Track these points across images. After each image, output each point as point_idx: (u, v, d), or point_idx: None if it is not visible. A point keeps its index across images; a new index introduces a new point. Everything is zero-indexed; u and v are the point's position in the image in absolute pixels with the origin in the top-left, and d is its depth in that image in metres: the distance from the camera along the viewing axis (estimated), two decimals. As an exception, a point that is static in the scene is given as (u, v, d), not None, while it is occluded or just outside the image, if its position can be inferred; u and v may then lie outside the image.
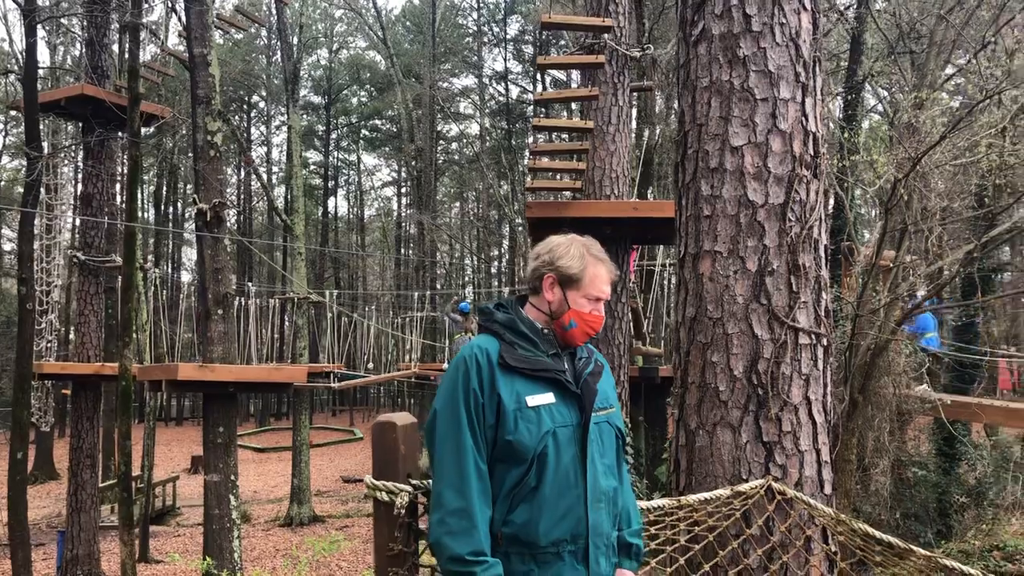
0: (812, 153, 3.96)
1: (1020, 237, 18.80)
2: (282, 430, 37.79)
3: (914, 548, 3.67)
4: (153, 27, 21.26)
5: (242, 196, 46.68)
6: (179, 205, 45.81)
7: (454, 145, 46.10)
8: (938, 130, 8.54)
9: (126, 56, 15.56)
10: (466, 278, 47.50)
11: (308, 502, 20.40)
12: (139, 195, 15.70)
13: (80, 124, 14.88)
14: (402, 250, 48.13)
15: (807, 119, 3.96)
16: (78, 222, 16.23)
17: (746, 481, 3.74)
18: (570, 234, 2.55)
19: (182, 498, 22.14)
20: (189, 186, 40.32)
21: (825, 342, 3.93)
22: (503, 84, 41.42)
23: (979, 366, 14.71)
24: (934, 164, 9.23)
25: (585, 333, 2.46)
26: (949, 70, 13.24)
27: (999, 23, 9.85)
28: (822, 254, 3.97)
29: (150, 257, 36.99)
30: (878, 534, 3.68)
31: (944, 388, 13.54)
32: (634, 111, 20.32)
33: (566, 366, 2.42)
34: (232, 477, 11.05)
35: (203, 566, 8.59)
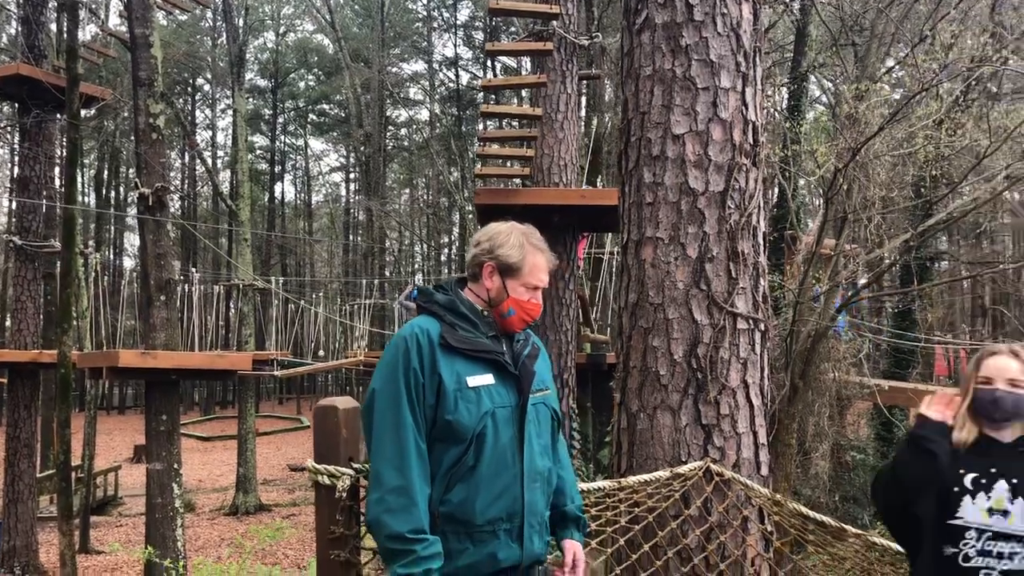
0: (751, 142, 4.04)
1: (956, 226, 19.33)
2: (227, 418, 37.30)
3: (847, 527, 3.78)
4: (92, 6, 20.72)
5: (186, 180, 45.82)
6: (121, 189, 44.80)
7: (403, 131, 45.80)
8: (878, 121, 8.74)
9: (64, 36, 15.13)
10: (416, 265, 47.34)
11: (254, 491, 20.22)
12: (79, 178, 15.34)
13: (16, 105, 14.46)
14: (350, 237, 47.74)
15: (747, 108, 4.03)
16: (14, 205, 15.79)
17: (685, 463, 3.82)
18: (511, 222, 2.57)
19: (124, 488, 21.77)
20: (131, 170, 39.40)
21: (763, 327, 4.02)
22: (453, 70, 41.26)
23: (916, 352, 15.12)
24: (874, 155, 9.44)
25: (523, 320, 2.49)
26: (890, 63, 13.54)
27: (936, 17, 10.10)
28: (760, 241, 4.06)
29: (91, 242, 36.10)
30: (812, 514, 3.79)
31: (882, 374, 13.91)
32: (583, 99, 20.42)
33: (505, 348, 2.45)
34: (175, 465, 10.90)
35: (145, 555, 8.47)
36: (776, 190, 14.19)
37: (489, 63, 33.65)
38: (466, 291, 2.52)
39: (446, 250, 45.61)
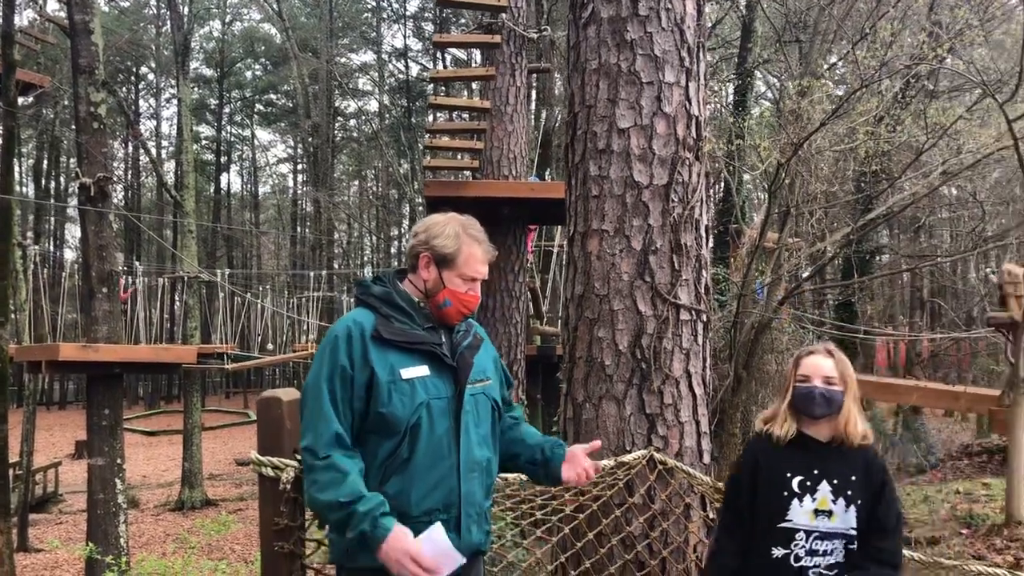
0: (695, 136, 4.10)
1: (896, 221, 19.80)
2: (173, 413, 36.68)
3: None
4: (30, -9, 20.14)
5: (129, 171, 44.85)
6: (62, 180, 43.65)
7: (352, 122, 45.38)
8: (820, 117, 8.92)
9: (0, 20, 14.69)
10: (365, 258, 46.93)
11: (200, 486, 19.94)
12: (16, 168, 14.91)
13: (-51, 91, 13.99)
14: (298, 229, 47.21)
15: (690, 103, 4.10)
16: (-52, 195, 15.30)
17: (630, 452, 3.88)
18: (450, 212, 2.58)
19: (65, 484, 21.29)
20: (72, 160, 38.48)
21: (705, 318, 4.09)
22: (403, 61, 40.95)
23: (857, 344, 15.47)
24: (816, 150, 9.64)
25: (460, 312, 2.49)
26: (833, 59, 13.81)
27: (876, 15, 10.32)
28: (703, 234, 4.13)
29: (29, 234, 35.18)
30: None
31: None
32: (532, 93, 20.47)
33: (443, 339, 2.46)
34: (118, 460, 10.71)
35: (86, 552, 8.31)
36: (722, 185, 14.41)
37: (438, 55, 33.49)
38: (405, 282, 2.53)
39: (396, 242, 45.32)
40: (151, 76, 44.47)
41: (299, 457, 2.61)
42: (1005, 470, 6.84)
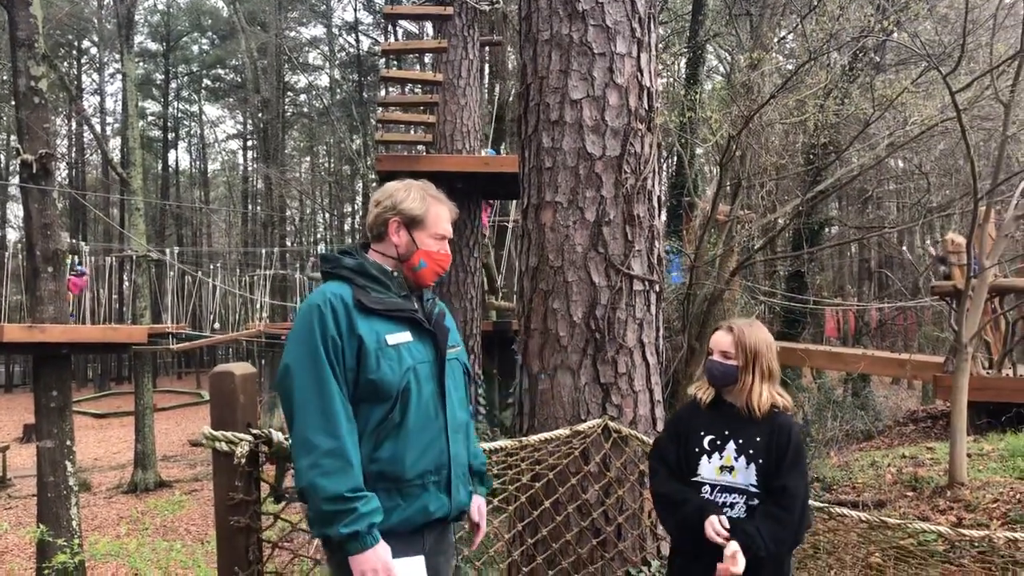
0: (647, 107, 4.12)
1: (845, 192, 20.13)
2: (124, 394, 36.10)
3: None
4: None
5: (73, 148, 43.73)
6: (2, 157, 42.47)
7: (303, 97, 44.60)
8: (770, 90, 9.01)
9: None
10: (318, 235, 46.43)
11: (153, 467, 19.70)
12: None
13: None
14: (249, 206, 46.49)
15: (642, 74, 4.11)
16: None
17: (585, 421, 3.92)
18: (406, 179, 2.59)
19: (13, 469, 20.90)
20: (13, 136, 37.37)
21: (658, 288, 4.13)
22: (354, 35, 40.35)
23: (806, 314, 15.75)
24: (766, 122, 9.74)
25: (435, 272, 2.54)
26: (783, 33, 13.93)
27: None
28: (655, 204, 4.16)
29: (-31, 213, 34.20)
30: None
31: (775, 335, 14.46)
32: (486, 66, 20.33)
33: (417, 306, 2.49)
34: (68, 443, 10.53)
35: (36, 535, 8.18)
36: (675, 158, 14.49)
37: (390, 28, 33.05)
38: (371, 253, 2.53)
39: (349, 219, 44.88)
40: (94, 50, 43.24)
41: (253, 431, 2.59)
42: (948, 434, 7.04)
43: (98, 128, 39.80)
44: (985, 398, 9.08)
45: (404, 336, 2.38)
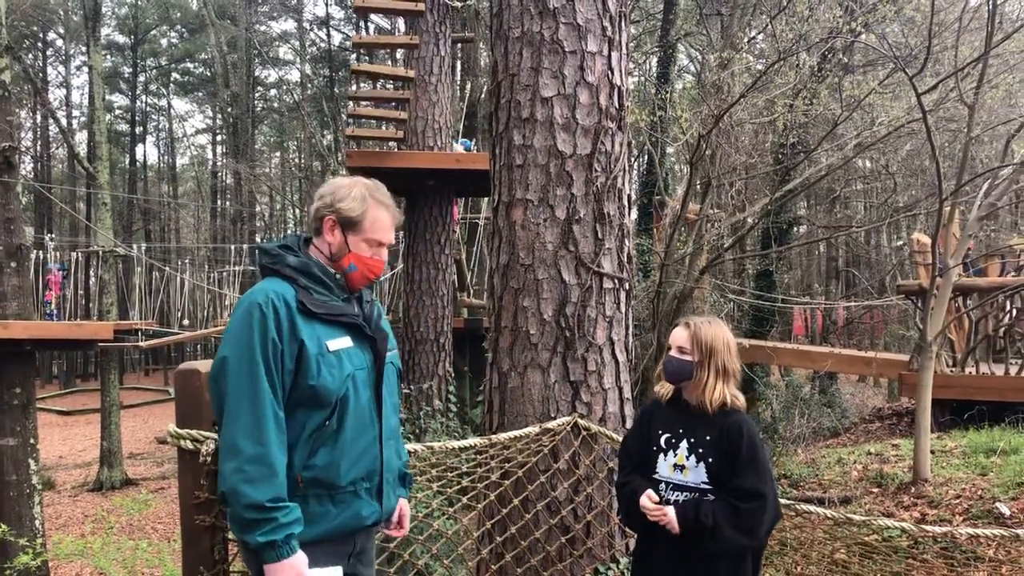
0: (617, 106, 4.13)
1: (813, 192, 20.33)
2: (90, 391, 35.62)
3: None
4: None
5: (38, 141, 43.02)
6: (-36, 150, 41.65)
7: (273, 92, 44.25)
8: (740, 90, 9.07)
9: None
10: (288, 230, 46.09)
11: (119, 465, 19.43)
12: (-86, 137, 14.14)
13: None
14: (218, 201, 46.04)
15: (613, 73, 4.12)
16: None
17: (554, 419, 3.92)
18: (356, 176, 2.53)
19: (-24, 467, 20.52)
20: (-25, 129, 36.63)
21: (628, 286, 4.15)
22: (325, 30, 40.07)
23: (775, 312, 15.89)
24: (736, 122, 9.82)
25: (365, 277, 2.45)
26: (753, 33, 14.03)
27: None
28: (625, 203, 4.17)
29: (-70, 207, 33.55)
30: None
31: (744, 333, 14.58)
32: (457, 63, 20.29)
33: (358, 310, 2.44)
34: (32, 440, 10.36)
35: (-1, 534, 8.04)
36: (645, 157, 14.56)
37: (361, 24, 32.87)
38: (311, 249, 2.46)
39: (320, 215, 44.44)
40: (60, 42, 42.58)
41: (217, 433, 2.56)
42: (913, 431, 7.13)
43: (64, 121, 39.18)
44: (949, 396, 9.20)
45: (345, 342, 2.33)
